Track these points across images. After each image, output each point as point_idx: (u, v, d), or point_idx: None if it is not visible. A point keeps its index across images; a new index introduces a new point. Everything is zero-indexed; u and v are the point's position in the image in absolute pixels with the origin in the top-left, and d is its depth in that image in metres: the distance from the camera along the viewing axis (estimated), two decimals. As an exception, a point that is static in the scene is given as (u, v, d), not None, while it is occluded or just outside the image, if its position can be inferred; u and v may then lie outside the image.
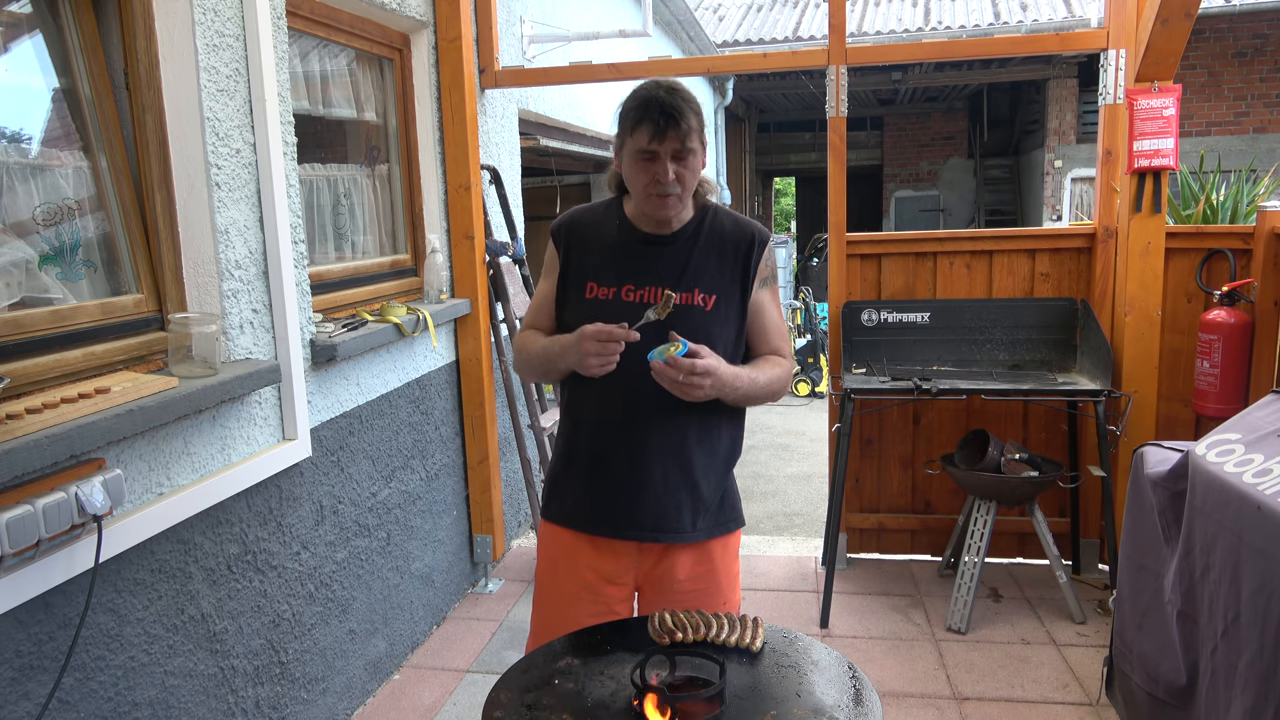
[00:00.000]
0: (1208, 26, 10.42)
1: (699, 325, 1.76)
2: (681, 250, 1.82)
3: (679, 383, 1.63)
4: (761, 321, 1.87)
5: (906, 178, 15.00)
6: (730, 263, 1.82)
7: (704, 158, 1.80)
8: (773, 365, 1.85)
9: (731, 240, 1.84)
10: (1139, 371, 3.42)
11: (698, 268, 1.81)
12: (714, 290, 1.80)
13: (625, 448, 1.81)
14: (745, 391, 1.77)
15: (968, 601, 3.31)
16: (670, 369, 1.63)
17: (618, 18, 6.78)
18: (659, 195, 1.73)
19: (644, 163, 1.72)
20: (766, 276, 1.87)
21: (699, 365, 1.63)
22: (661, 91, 1.71)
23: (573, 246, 1.88)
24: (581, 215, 1.95)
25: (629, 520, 1.83)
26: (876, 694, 1.46)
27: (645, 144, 1.70)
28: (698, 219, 1.85)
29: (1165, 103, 3.23)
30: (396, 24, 3.39)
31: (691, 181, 1.76)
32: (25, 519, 1.61)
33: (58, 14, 2.02)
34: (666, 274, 1.79)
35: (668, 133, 1.68)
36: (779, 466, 6.14)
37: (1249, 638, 1.84)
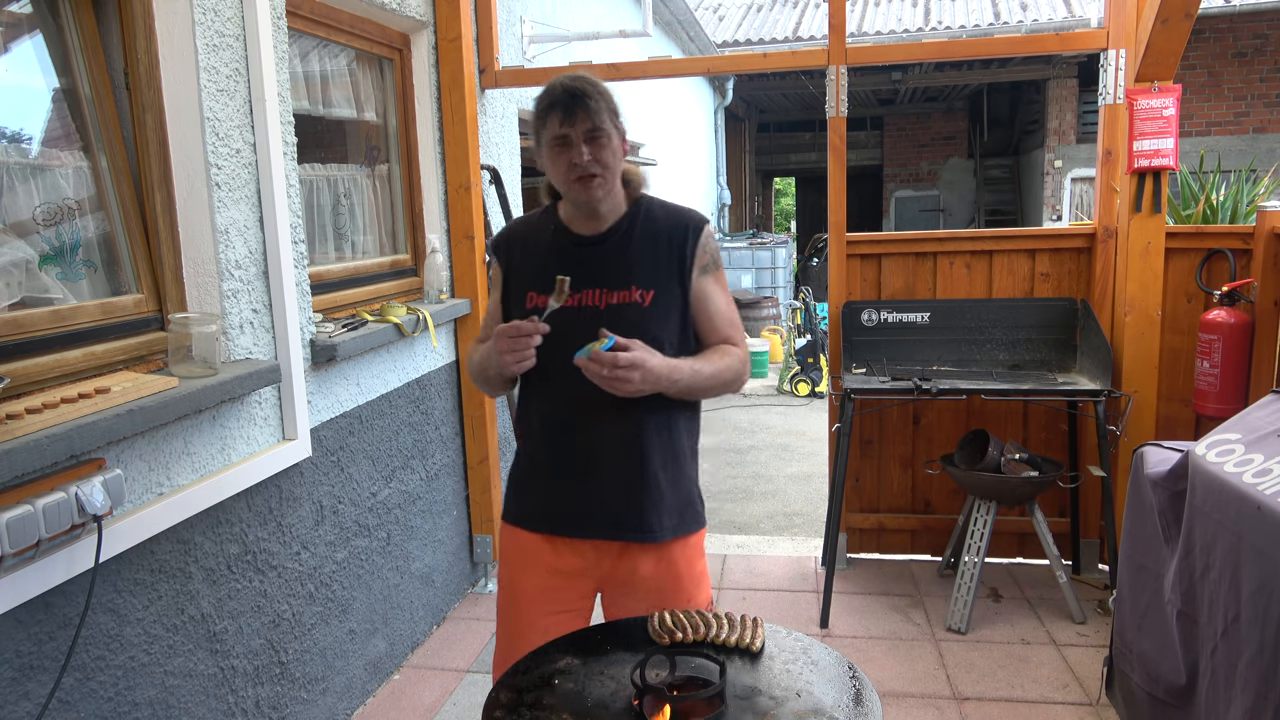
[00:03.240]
0: (1208, 26, 10.42)
1: (639, 322, 1.73)
2: (616, 247, 1.81)
3: (605, 378, 1.61)
4: (707, 310, 1.82)
5: (906, 178, 15.00)
6: (666, 254, 1.79)
7: (623, 145, 1.78)
8: (721, 355, 1.81)
9: (666, 231, 1.81)
10: (1139, 371, 3.42)
11: (633, 263, 1.79)
12: (651, 284, 1.77)
13: (578, 447, 1.81)
14: (688, 383, 1.73)
15: (968, 601, 3.31)
16: (594, 364, 1.61)
17: (618, 18, 6.78)
18: (580, 179, 1.72)
19: (560, 149, 1.72)
20: (707, 264, 1.83)
21: (623, 358, 1.61)
22: (566, 79, 1.72)
23: (513, 259, 1.89)
24: (518, 227, 1.96)
25: (584, 519, 1.82)
26: (876, 694, 1.46)
27: (557, 130, 1.70)
28: (630, 214, 1.84)
29: (1165, 103, 3.23)
30: (396, 24, 3.39)
31: (612, 162, 1.74)
32: (25, 519, 1.61)
33: (58, 14, 2.02)
34: (603, 274, 1.78)
35: (576, 113, 1.68)
36: (779, 466, 6.14)
37: (1249, 638, 1.84)
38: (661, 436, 1.82)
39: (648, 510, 1.81)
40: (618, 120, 1.76)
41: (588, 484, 1.81)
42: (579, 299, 1.76)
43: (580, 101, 1.68)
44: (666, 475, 1.83)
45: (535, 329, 1.65)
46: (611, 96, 1.75)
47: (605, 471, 1.79)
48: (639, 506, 1.80)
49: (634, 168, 1.88)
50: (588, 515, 1.82)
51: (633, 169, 1.87)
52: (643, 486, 1.80)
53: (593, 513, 1.82)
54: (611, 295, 1.77)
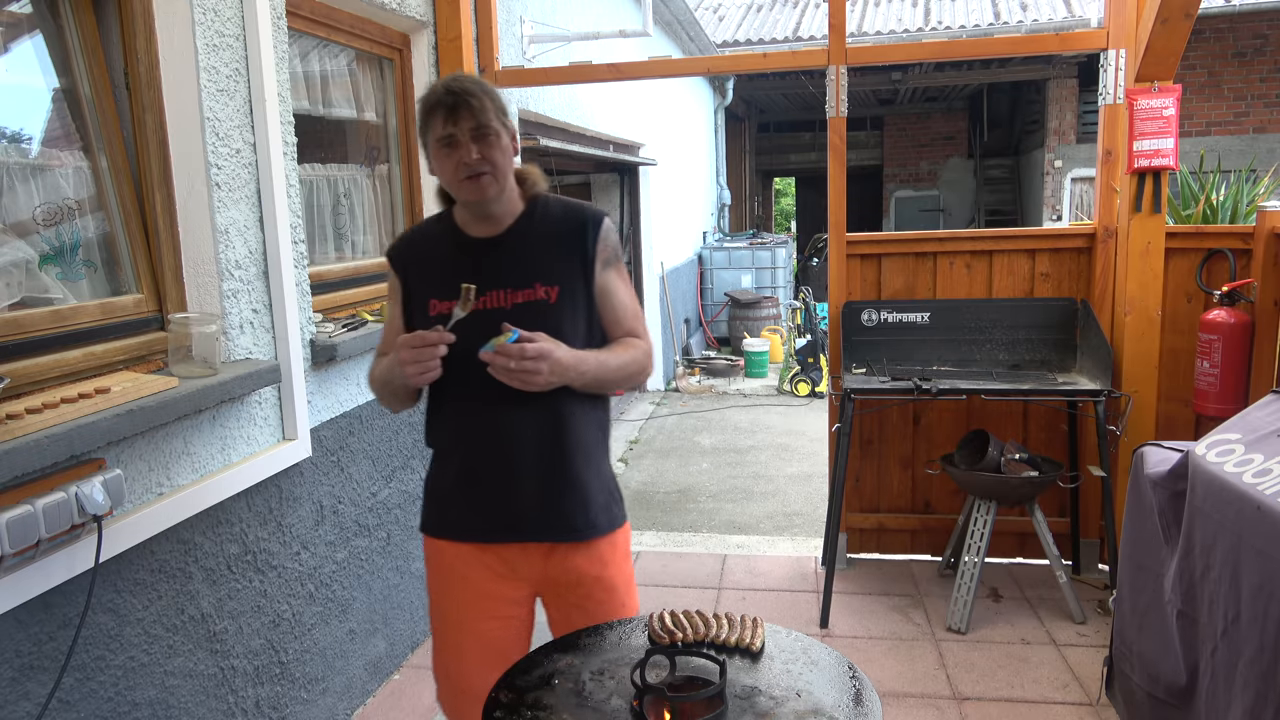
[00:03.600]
0: (1208, 26, 10.42)
1: (546, 320, 1.71)
2: (515, 247, 1.78)
3: (512, 370, 1.59)
4: (611, 304, 1.81)
5: (906, 178, 15.00)
6: (567, 250, 1.77)
7: (514, 143, 1.75)
8: (626, 347, 1.80)
9: (565, 227, 1.79)
10: (1139, 371, 3.43)
11: (534, 262, 1.76)
12: (555, 282, 1.75)
13: (496, 451, 1.77)
14: (595, 375, 1.72)
15: (968, 601, 3.31)
16: (500, 357, 1.59)
17: (618, 18, 6.78)
18: (469, 179, 1.68)
19: (447, 150, 1.68)
20: (609, 257, 1.81)
21: (529, 349, 1.59)
22: (448, 80, 1.70)
23: (410, 267, 1.84)
24: (415, 234, 1.92)
25: (509, 523, 1.80)
26: (876, 694, 1.46)
27: (441, 130, 1.67)
28: (528, 212, 1.81)
29: (1165, 103, 3.23)
30: (396, 24, 3.39)
31: (502, 161, 1.70)
32: (25, 519, 1.61)
33: (58, 14, 2.02)
34: (505, 274, 1.75)
35: (460, 112, 1.65)
36: (779, 466, 6.14)
37: (1249, 637, 1.84)
38: (578, 432, 1.79)
39: (573, 508, 1.79)
40: (505, 119, 1.72)
41: (509, 487, 1.78)
42: (484, 301, 1.73)
43: (464, 100, 1.65)
44: (588, 470, 1.80)
45: (440, 338, 1.62)
46: (498, 96, 1.72)
47: (525, 473, 1.76)
48: (563, 505, 1.78)
49: (531, 167, 1.85)
50: (512, 519, 1.79)
51: (529, 168, 1.84)
52: (565, 484, 1.78)
53: (517, 516, 1.79)
54: (516, 295, 1.74)
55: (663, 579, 3.91)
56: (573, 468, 1.78)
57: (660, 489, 5.72)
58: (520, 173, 1.82)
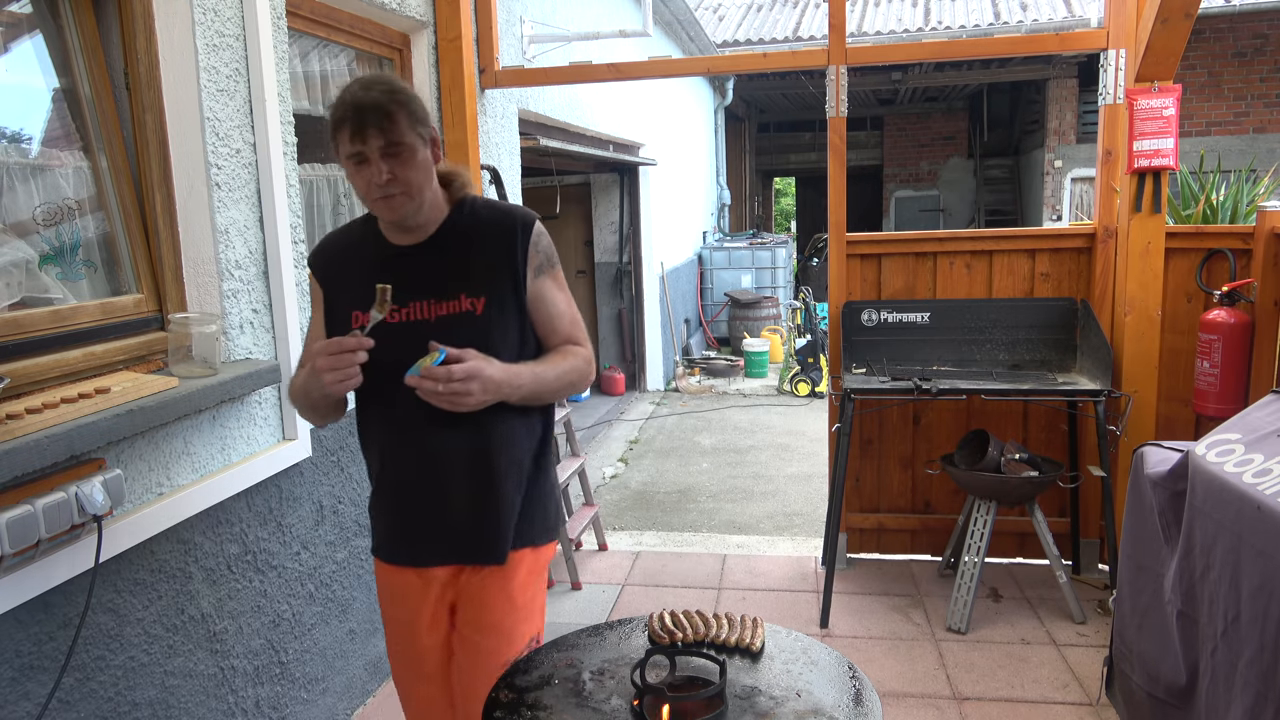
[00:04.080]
0: (1208, 26, 10.42)
1: (473, 332, 1.63)
2: (439, 255, 1.69)
3: (441, 394, 1.50)
4: (546, 312, 1.73)
5: (906, 178, 15.00)
6: (495, 257, 1.68)
7: (435, 151, 1.66)
8: (564, 356, 1.73)
9: (492, 232, 1.70)
10: (1139, 371, 3.43)
11: (459, 271, 1.67)
12: (482, 291, 1.66)
13: (423, 471, 1.71)
14: (531, 389, 1.64)
15: (968, 601, 3.31)
16: (428, 381, 1.50)
17: (618, 18, 6.78)
18: (380, 199, 1.60)
19: (356, 167, 1.58)
20: (541, 264, 1.72)
21: (457, 370, 1.50)
22: (358, 88, 1.58)
23: (330, 275, 1.77)
24: (335, 239, 1.83)
25: (437, 546, 1.74)
26: (876, 694, 1.46)
27: (349, 147, 1.56)
28: (453, 218, 1.71)
29: (1165, 103, 3.23)
30: (396, 24, 3.39)
31: (416, 179, 1.60)
32: (25, 519, 1.61)
33: (58, 14, 2.02)
34: (428, 284, 1.66)
35: (368, 130, 1.54)
36: (779, 466, 6.14)
37: (1249, 638, 1.84)
38: (510, 450, 1.72)
39: (496, 531, 1.72)
40: (423, 129, 1.61)
41: (436, 509, 1.72)
42: (406, 313, 1.65)
43: (371, 116, 1.54)
44: (519, 491, 1.74)
45: (358, 344, 1.53)
46: (415, 102, 1.61)
47: (452, 493, 1.70)
48: (486, 528, 1.71)
49: (458, 166, 1.76)
50: (439, 541, 1.74)
51: (456, 168, 1.75)
52: (491, 506, 1.70)
53: (444, 538, 1.73)
54: (440, 306, 1.66)
55: (663, 579, 3.91)
56: (500, 488, 1.70)
57: (660, 489, 5.72)
58: (445, 174, 1.73)
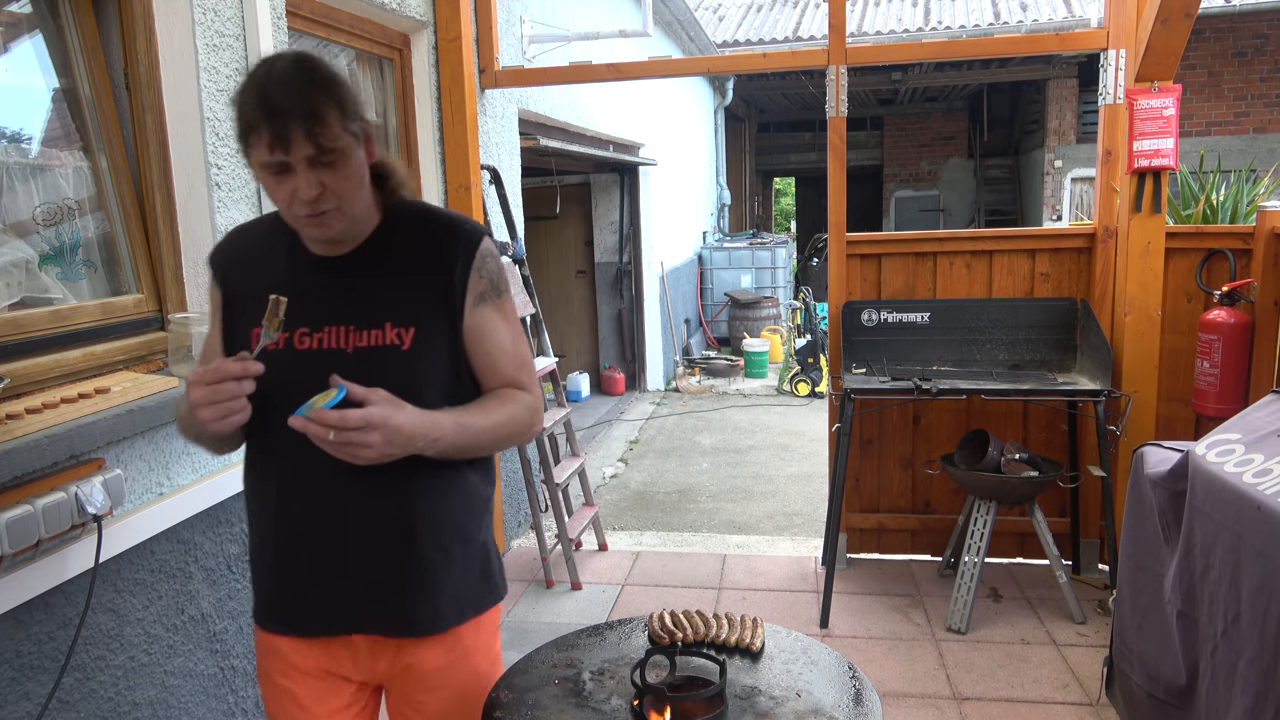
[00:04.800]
0: (1208, 26, 10.42)
1: (397, 369, 1.35)
2: (364, 272, 1.39)
3: (331, 443, 1.22)
4: (485, 348, 1.42)
5: (906, 178, 15.00)
6: (431, 280, 1.38)
7: (370, 147, 1.35)
8: (502, 402, 1.42)
9: (430, 249, 1.40)
10: (1139, 371, 3.43)
11: (386, 294, 1.38)
12: (411, 320, 1.37)
13: (326, 527, 1.40)
14: (453, 441, 1.34)
15: (968, 601, 3.31)
16: (314, 425, 1.21)
17: (618, 18, 6.78)
18: (308, 217, 1.29)
19: (276, 177, 1.27)
20: (484, 290, 1.41)
21: (352, 418, 1.20)
22: (275, 81, 1.23)
23: (234, 280, 1.45)
24: (244, 237, 1.50)
25: (342, 616, 1.44)
26: (876, 694, 1.46)
27: (268, 156, 1.24)
28: (385, 226, 1.42)
29: (1165, 103, 3.23)
30: (396, 24, 3.39)
31: (350, 190, 1.31)
32: (25, 519, 1.61)
33: (58, 14, 2.02)
34: (349, 307, 1.37)
35: (293, 136, 1.22)
36: (779, 466, 6.14)
37: (1249, 638, 1.84)
38: (434, 505, 1.43)
39: (421, 599, 1.43)
40: (356, 123, 1.30)
41: (342, 574, 1.41)
42: (320, 339, 1.37)
43: (297, 119, 1.22)
44: (445, 553, 1.45)
45: (244, 370, 1.24)
46: (344, 91, 1.28)
47: (363, 556, 1.41)
48: (409, 597, 1.42)
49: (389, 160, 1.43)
50: (346, 611, 1.43)
51: (388, 162, 1.43)
52: (412, 571, 1.42)
53: (352, 608, 1.43)
54: (361, 335, 1.36)
55: (663, 579, 3.91)
56: (422, 549, 1.42)
57: (660, 489, 5.72)
58: (377, 168, 1.40)
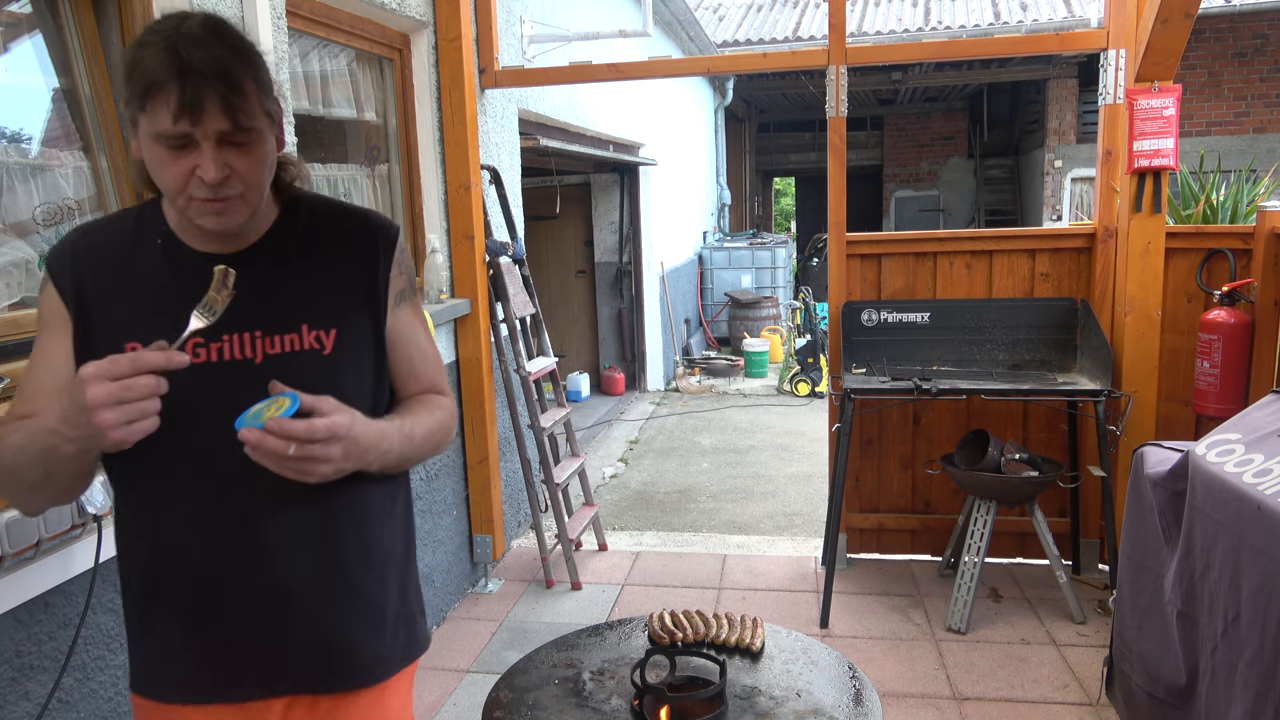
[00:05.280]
0: (1208, 26, 10.42)
1: (321, 377, 1.19)
2: (265, 270, 1.22)
3: (291, 458, 1.04)
4: (406, 352, 1.32)
5: (906, 178, 15.00)
6: (349, 276, 1.26)
7: (280, 132, 1.20)
8: (430, 409, 1.32)
9: (344, 241, 1.28)
10: (1139, 371, 3.43)
11: (300, 291, 1.23)
12: (331, 322, 1.23)
13: (236, 566, 1.20)
14: (399, 454, 1.22)
15: (968, 601, 3.31)
16: (273, 439, 1.03)
17: (618, 18, 6.78)
18: (206, 202, 1.11)
19: (172, 152, 1.08)
20: (404, 288, 1.32)
21: (319, 427, 1.05)
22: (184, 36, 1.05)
23: (89, 287, 1.20)
24: (97, 235, 1.25)
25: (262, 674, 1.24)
26: (876, 694, 1.46)
27: (170, 125, 1.05)
28: (286, 219, 1.27)
29: (1165, 103, 3.23)
30: (396, 24, 3.39)
31: (260, 178, 1.15)
32: (25, 519, 1.61)
33: (58, 14, 2.02)
34: (255, 310, 1.20)
35: (205, 106, 1.04)
36: (779, 466, 6.14)
37: (1249, 638, 1.84)
38: (367, 532, 1.28)
39: (360, 644, 1.28)
40: (272, 101, 1.16)
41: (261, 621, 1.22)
42: (219, 350, 1.18)
43: (213, 86, 1.04)
44: (381, 587, 1.31)
45: (167, 360, 1.01)
46: (261, 60, 1.14)
47: (287, 600, 1.22)
48: (347, 644, 1.27)
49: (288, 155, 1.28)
50: (266, 668, 1.24)
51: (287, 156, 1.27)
52: (348, 614, 1.26)
53: (274, 663, 1.24)
54: (271, 341, 1.20)
55: (663, 579, 3.91)
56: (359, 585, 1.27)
57: (660, 489, 5.72)
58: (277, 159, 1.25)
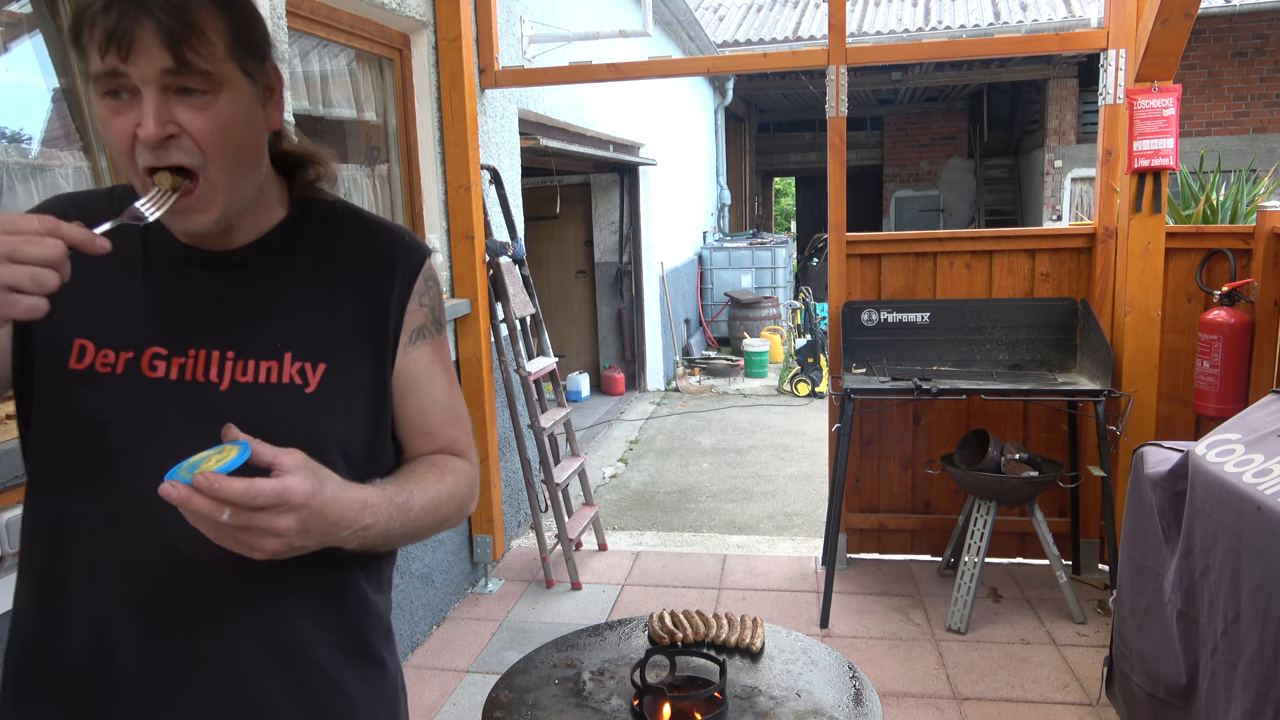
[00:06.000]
0: (1208, 26, 10.42)
1: (295, 420, 0.95)
2: (255, 279, 0.99)
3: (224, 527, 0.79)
4: (417, 401, 1.06)
5: (906, 178, 15.00)
6: (353, 301, 1.02)
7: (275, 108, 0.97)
8: (441, 473, 1.04)
9: (354, 262, 1.04)
10: (1139, 371, 3.43)
11: (290, 312, 0.99)
12: (323, 354, 0.98)
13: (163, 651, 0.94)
14: (386, 529, 0.93)
15: (968, 601, 3.31)
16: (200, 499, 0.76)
17: (618, 18, 6.78)
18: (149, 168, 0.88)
19: (110, 102, 0.87)
20: (424, 324, 1.06)
21: (264, 491, 0.79)
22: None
23: None
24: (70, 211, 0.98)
25: None
26: (876, 694, 1.46)
27: (99, 62, 0.85)
28: (293, 222, 1.03)
29: (1165, 103, 3.23)
30: (396, 24, 3.39)
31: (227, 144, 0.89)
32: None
33: (58, 14, 2.02)
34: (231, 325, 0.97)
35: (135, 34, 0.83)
36: (779, 466, 6.14)
37: (1249, 638, 1.84)
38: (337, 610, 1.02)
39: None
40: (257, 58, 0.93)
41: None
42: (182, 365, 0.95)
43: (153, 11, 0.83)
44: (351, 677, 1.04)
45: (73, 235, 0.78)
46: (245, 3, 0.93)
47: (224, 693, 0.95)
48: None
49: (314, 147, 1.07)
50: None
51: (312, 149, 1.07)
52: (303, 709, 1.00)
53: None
54: (243, 367, 0.96)
55: (663, 579, 3.91)
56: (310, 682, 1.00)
57: (660, 489, 5.72)
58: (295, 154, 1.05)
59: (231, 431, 0.84)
